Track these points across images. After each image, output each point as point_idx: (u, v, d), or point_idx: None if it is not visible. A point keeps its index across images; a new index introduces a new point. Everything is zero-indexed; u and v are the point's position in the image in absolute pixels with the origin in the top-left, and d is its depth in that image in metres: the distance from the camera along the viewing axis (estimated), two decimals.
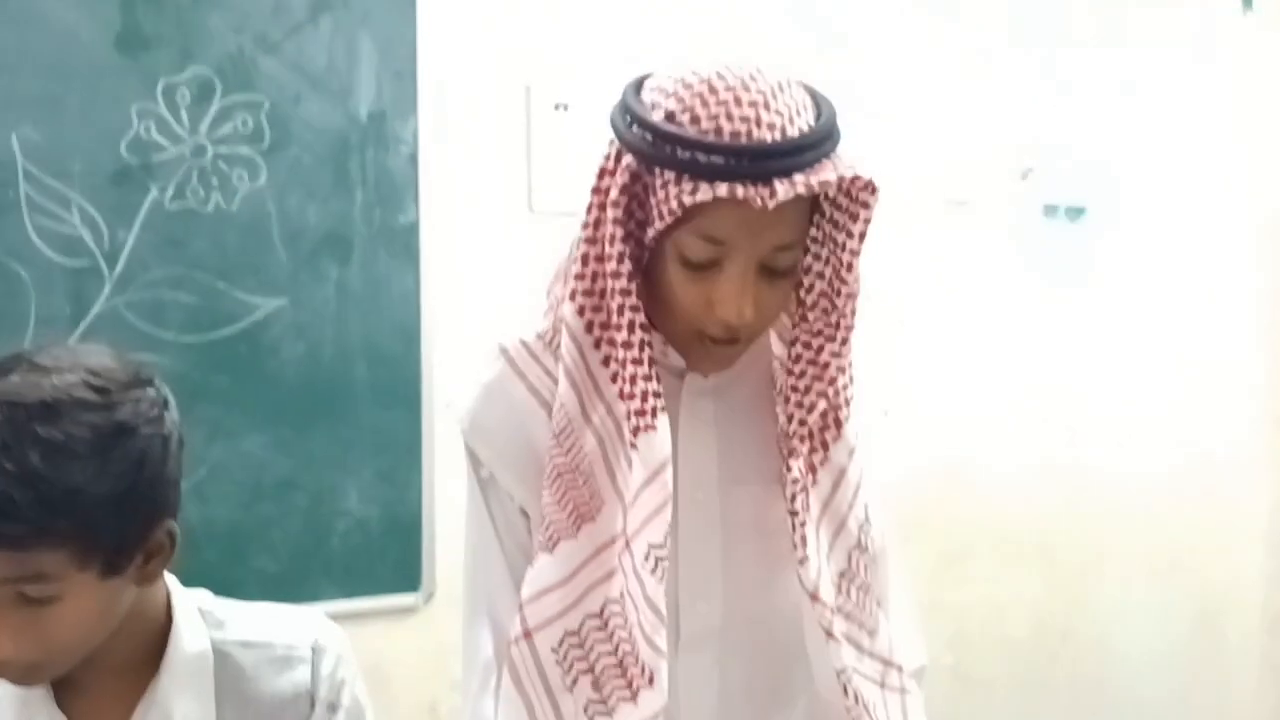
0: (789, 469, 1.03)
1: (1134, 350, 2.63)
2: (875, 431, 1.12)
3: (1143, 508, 2.64)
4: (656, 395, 0.99)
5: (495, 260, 2.09)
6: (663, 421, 0.99)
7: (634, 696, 1.00)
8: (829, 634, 1.03)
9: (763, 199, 0.91)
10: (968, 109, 2.45)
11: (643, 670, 0.99)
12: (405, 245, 2.02)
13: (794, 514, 1.03)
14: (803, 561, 1.02)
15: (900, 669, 1.11)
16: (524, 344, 1.08)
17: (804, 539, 1.03)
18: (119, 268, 1.86)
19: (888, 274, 0.99)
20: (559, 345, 1.05)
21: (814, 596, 1.02)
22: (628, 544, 1.00)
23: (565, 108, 2.14)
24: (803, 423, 1.04)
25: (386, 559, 2.04)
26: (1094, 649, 2.65)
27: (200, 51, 1.89)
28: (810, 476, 1.06)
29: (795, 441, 1.04)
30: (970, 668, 2.44)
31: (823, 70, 1.01)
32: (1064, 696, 2.62)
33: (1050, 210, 2.55)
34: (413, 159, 2.02)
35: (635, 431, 0.99)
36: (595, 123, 2.11)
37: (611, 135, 0.99)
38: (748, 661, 1.10)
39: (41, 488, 0.85)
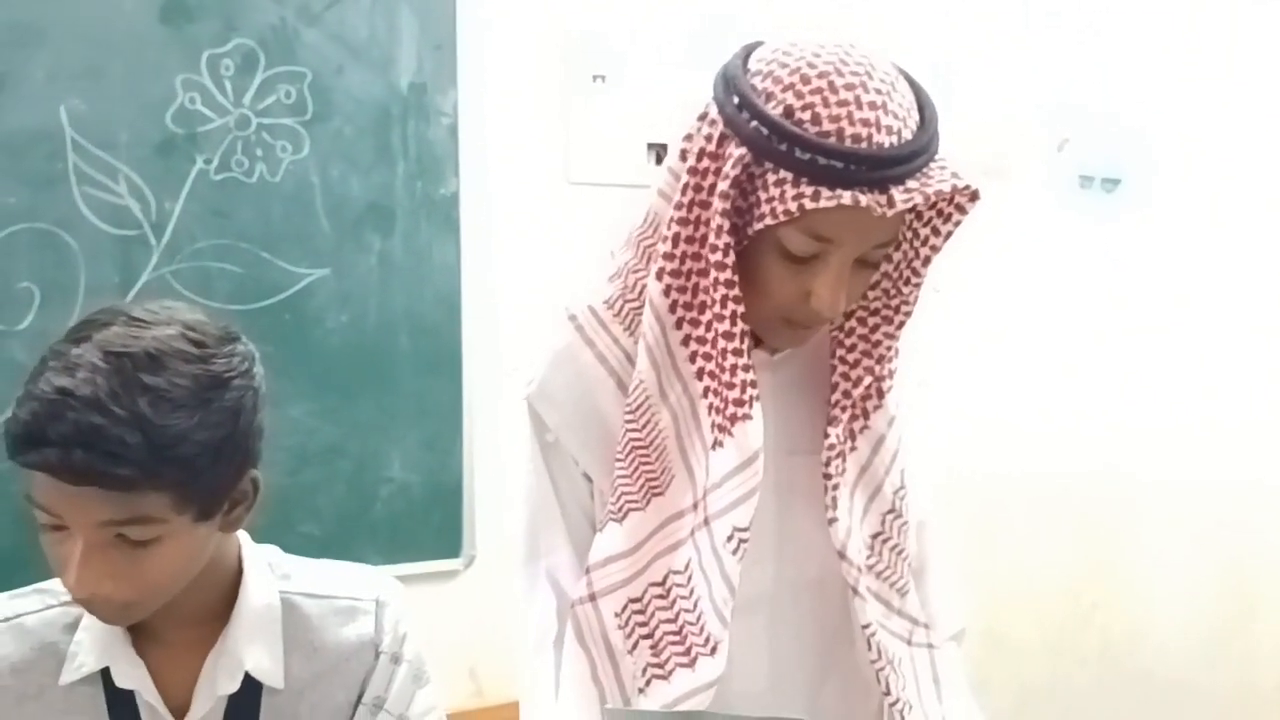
0: (828, 435, 1.05)
1: (1167, 324, 2.64)
2: (913, 402, 1.14)
3: (1176, 475, 2.65)
4: (753, 385, 1.00)
5: (534, 231, 2.11)
6: (758, 411, 0.99)
7: (692, 664, 1.02)
8: (854, 590, 1.05)
9: (880, 206, 0.91)
10: (1005, 79, 2.45)
11: (706, 640, 1.02)
12: (446, 216, 2.04)
13: (827, 477, 1.05)
14: (832, 521, 1.05)
15: (926, 626, 1.13)
16: (593, 311, 1.08)
17: (835, 500, 1.05)
18: (166, 237, 1.89)
19: None
20: (627, 313, 1.06)
21: (841, 554, 1.05)
22: (707, 522, 1.01)
23: (603, 79, 2.15)
24: (847, 394, 1.06)
25: (429, 525, 2.07)
26: (1125, 615, 2.67)
27: (243, 23, 1.91)
28: (849, 443, 1.08)
29: (838, 410, 1.06)
30: (1002, 632, 2.46)
31: (856, 40, 1.02)
32: (1094, 663, 2.64)
33: (1086, 181, 2.55)
34: (453, 130, 2.04)
35: (733, 419, 0.99)
36: (632, 94, 2.15)
37: (709, 113, 0.97)
38: (798, 625, 1.12)
39: (150, 433, 0.88)
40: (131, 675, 1.02)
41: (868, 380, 1.06)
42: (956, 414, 2.34)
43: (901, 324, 1.05)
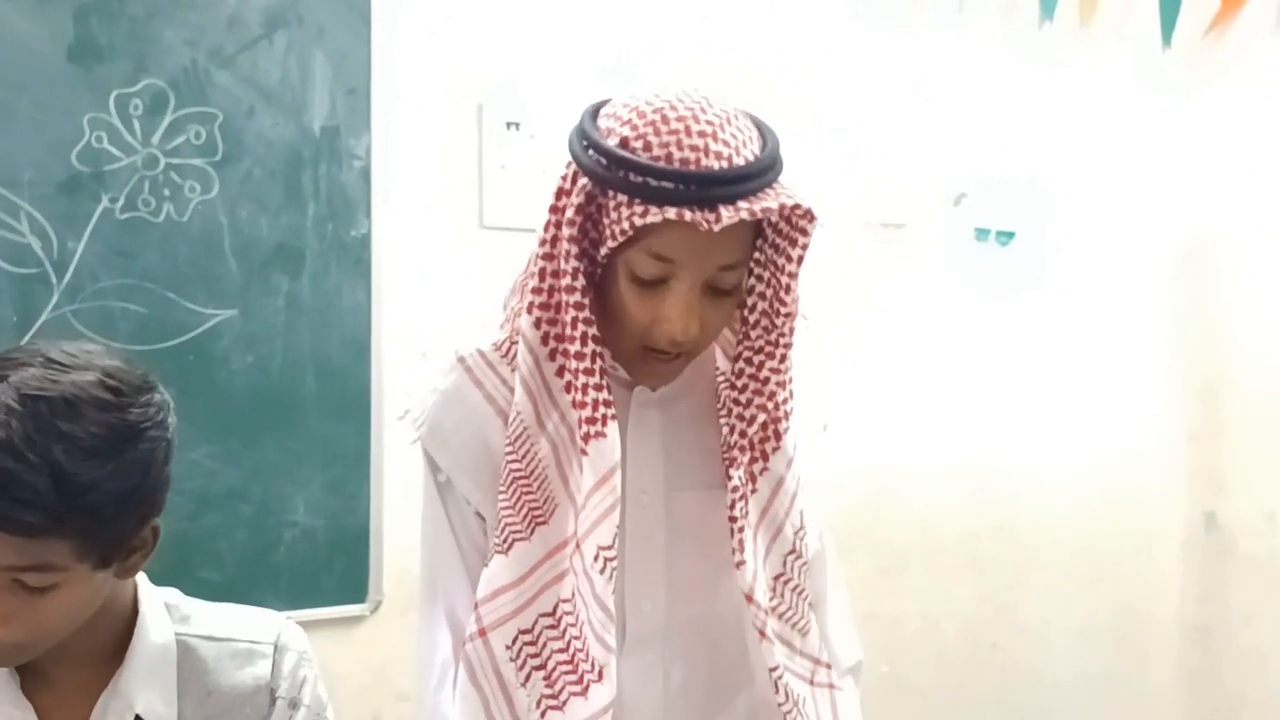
0: (730, 478, 1.09)
1: (1059, 372, 2.74)
2: (814, 445, 1.18)
3: (1067, 523, 2.74)
4: (607, 404, 1.04)
5: (446, 274, 2.12)
6: (612, 429, 1.04)
7: (584, 691, 1.04)
8: (762, 634, 1.08)
9: (708, 222, 0.97)
10: (904, 137, 2.55)
11: (593, 666, 1.04)
12: (357, 258, 2.05)
13: (733, 520, 1.08)
14: (740, 565, 1.08)
15: (828, 666, 1.17)
16: (481, 354, 1.13)
17: (741, 544, 1.08)
18: (68, 276, 1.86)
19: (825, 293, 1.06)
20: (514, 355, 1.10)
21: (749, 598, 1.08)
22: (578, 545, 1.05)
23: (516, 126, 2.19)
24: (743, 434, 1.10)
25: (333, 570, 2.05)
26: (1022, 658, 2.74)
27: (154, 64, 1.90)
28: (750, 485, 1.11)
29: (736, 452, 1.09)
30: (904, 676, 2.50)
31: (760, 99, 1.08)
32: (993, 703, 2.71)
33: (981, 234, 2.66)
34: (365, 174, 2.05)
35: (586, 438, 1.04)
36: (545, 141, 2.19)
37: (568, 157, 1.04)
38: (691, 662, 1.15)
39: (61, 480, 0.88)
40: (16, 718, 1.00)
41: (762, 418, 1.09)
42: (856, 464, 2.40)
43: (783, 357, 1.09)
